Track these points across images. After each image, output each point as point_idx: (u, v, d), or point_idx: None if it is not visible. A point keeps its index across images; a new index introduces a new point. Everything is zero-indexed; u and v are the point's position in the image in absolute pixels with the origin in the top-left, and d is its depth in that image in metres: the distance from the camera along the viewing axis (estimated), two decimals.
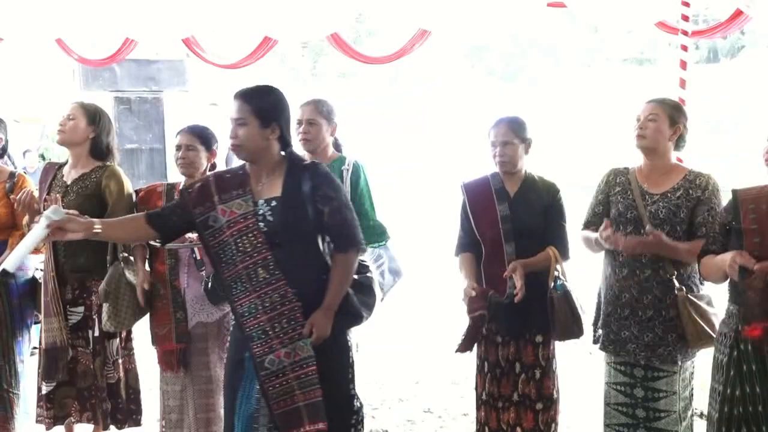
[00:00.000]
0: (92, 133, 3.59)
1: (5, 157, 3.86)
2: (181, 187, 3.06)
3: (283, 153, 2.75)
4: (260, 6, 5.95)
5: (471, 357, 3.45)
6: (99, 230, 2.66)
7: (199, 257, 3.36)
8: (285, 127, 2.72)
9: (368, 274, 2.90)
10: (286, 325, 2.61)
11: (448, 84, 21.65)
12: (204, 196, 2.71)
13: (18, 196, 3.42)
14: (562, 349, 3.41)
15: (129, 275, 3.43)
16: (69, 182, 3.57)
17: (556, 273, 3.15)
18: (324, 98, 3.63)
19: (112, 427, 3.63)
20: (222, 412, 3.07)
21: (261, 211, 2.66)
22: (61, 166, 3.67)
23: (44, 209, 3.45)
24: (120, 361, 3.61)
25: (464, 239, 3.37)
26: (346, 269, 2.71)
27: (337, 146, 3.66)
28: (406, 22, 6.09)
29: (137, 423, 3.70)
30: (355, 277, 2.80)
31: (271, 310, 2.61)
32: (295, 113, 3.54)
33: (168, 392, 3.46)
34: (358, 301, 2.79)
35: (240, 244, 2.63)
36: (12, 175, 3.71)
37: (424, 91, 21.66)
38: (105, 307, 3.40)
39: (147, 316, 3.49)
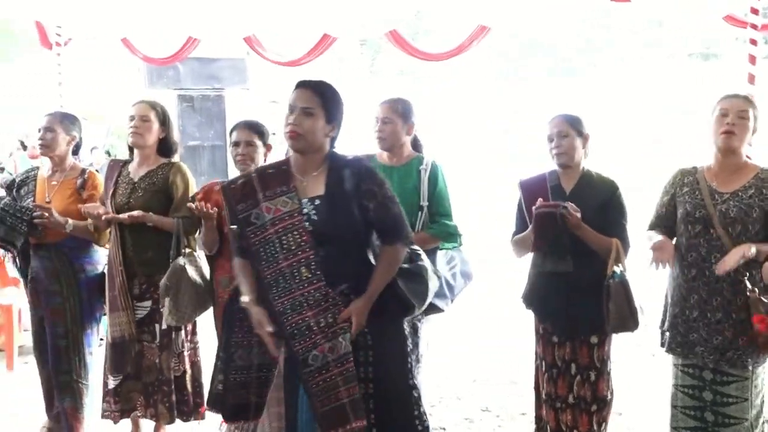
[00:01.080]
0: (162, 133, 3.69)
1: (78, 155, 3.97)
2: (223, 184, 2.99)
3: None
4: (319, 4, 6.00)
5: (529, 356, 3.42)
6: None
7: None
8: (339, 130, 2.69)
9: (419, 263, 2.80)
10: (331, 320, 2.58)
11: (503, 77, 21.33)
12: (247, 192, 2.67)
13: (86, 208, 3.56)
14: (625, 350, 3.33)
15: (191, 271, 3.47)
16: (136, 179, 3.65)
17: (616, 268, 3.03)
18: (403, 97, 3.58)
19: (177, 420, 3.69)
20: None
21: (305, 210, 2.62)
22: (126, 163, 3.75)
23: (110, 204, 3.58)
24: (186, 354, 3.68)
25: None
26: (391, 262, 2.66)
27: (416, 146, 3.62)
28: (466, 18, 6.05)
29: (202, 416, 3.76)
30: (405, 265, 2.73)
31: (315, 306, 2.58)
32: (372, 112, 3.54)
33: None
34: (408, 290, 2.70)
35: (285, 242, 2.59)
36: (83, 172, 3.81)
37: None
38: (166, 301, 3.45)
39: (211, 314, 3.55)
